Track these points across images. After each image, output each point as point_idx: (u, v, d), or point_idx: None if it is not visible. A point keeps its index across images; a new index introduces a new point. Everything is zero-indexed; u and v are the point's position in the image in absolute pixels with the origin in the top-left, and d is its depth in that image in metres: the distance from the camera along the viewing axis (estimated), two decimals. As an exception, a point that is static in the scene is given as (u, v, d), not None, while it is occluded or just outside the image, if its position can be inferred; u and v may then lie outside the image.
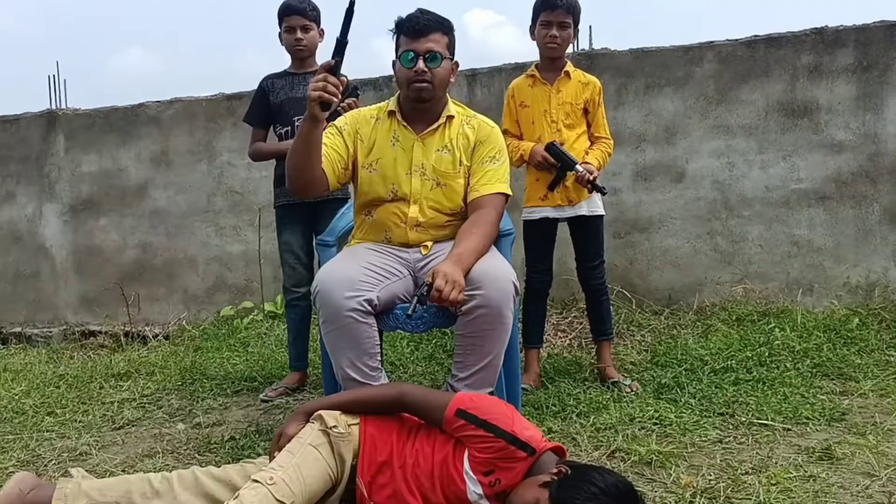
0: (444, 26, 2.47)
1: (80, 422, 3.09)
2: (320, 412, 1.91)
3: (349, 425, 1.89)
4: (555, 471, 1.73)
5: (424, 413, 1.93)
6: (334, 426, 1.85)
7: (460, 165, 2.50)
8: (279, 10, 3.40)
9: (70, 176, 5.43)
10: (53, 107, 5.51)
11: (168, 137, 5.22)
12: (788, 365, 3.17)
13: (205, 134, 5.15)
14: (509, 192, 2.52)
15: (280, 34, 3.43)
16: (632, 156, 4.37)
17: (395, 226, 2.49)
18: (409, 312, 2.21)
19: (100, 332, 5.06)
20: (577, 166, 3.02)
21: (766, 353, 3.28)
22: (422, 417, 1.94)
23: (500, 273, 2.25)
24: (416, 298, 2.21)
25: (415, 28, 2.42)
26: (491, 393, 2.28)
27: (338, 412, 1.92)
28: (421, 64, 2.41)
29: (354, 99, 3.30)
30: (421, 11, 2.46)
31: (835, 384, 3.01)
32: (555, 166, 3.06)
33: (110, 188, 5.35)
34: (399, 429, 1.93)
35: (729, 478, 2.13)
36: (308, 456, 1.80)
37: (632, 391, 3.00)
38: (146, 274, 5.31)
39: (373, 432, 1.90)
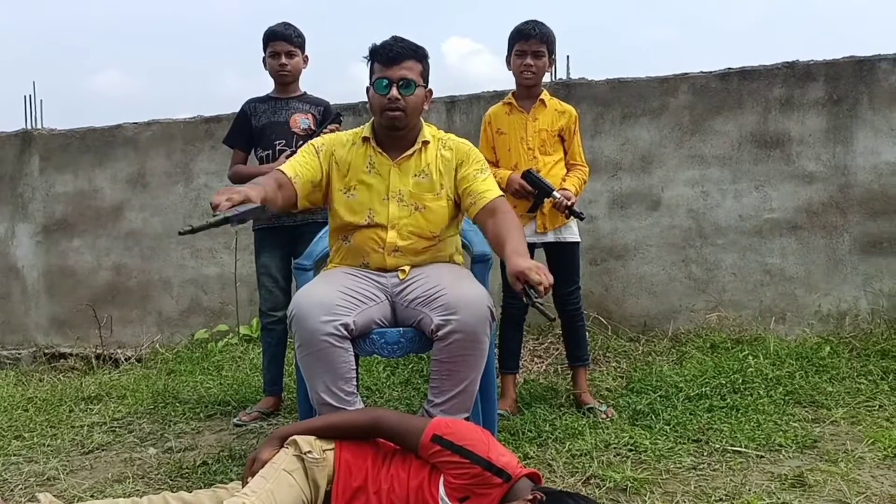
0: (418, 54, 2.48)
1: (48, 446, 3.03)
2: (295, 437, 1.89)
3: (324, 450, 1.88)
4: (530, 497, 1.73)
5: (400, 439, 1.92)
6: (309, 451, 1.84)
7: (441, 189, 2.51)
8: (265, 36, 3.41)
9: (44, 196, 5.37)
10: (29, 127, 5.46)
11: (145, 159, 5.19)
12: (761, 392, 3.20)
13: (182, 156, 5.13)
14: None
15: (264, 59, 3.45)
16: (608, 184, 4.42)
17: (373, 251, 2.49)
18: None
19: (70, 355, 4.97)
20: (554, 192, 3.05)
21: (740, 381, 3.30)
22: (397, 443, 1.93)
23: (477, 299, 2.25)
24: (526, 303, 2.11)
25: (389, 56, 2.43)
26: (467, 419, 2.28)
27: (312, 437, 1.91)
28: (394, 91, 2.42)
29: (337, 125, 3.32)
30: (395, 39, 2.47)
31: (807, 411, 3.03)
32: (532, 193, 3.08)
33: (85, 209, 5.30)
34: (374, 454, 1.92)
35: (703, 505, 2.14)
36: (282, 482, 1.78)
37: (607, 417, 3.01)
38: (119, 296, 5.25)
39: (348, 457, 1.89)
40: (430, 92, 2.56)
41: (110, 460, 2.85)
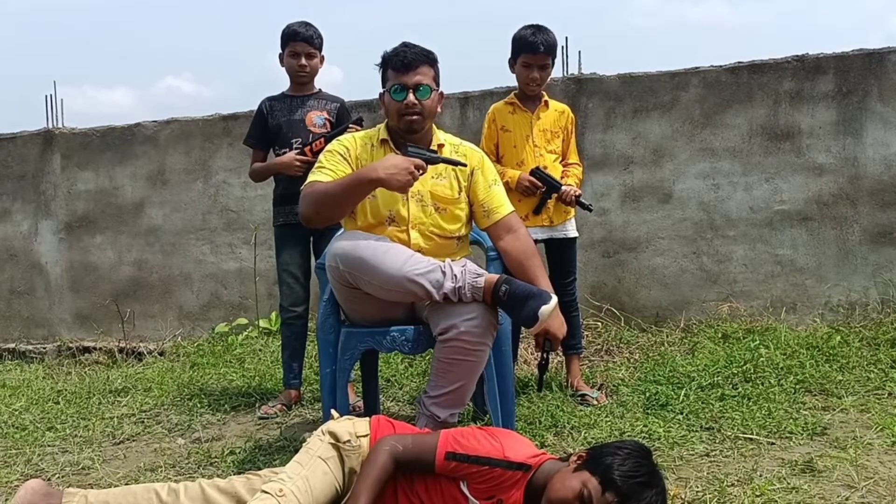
0: (430, 59, 2.57)
1: (80, 437, 3.15)
2: (333, 425, 1.96)
3: (358, 437, 1.95)
4: (575, 457, 1.82)
5: (415, 466, 1.91)
6: (347, 441, 1.91)
7: (460, 192, 2.60)
8: (285, 34, 3.47)
9: (66, 194, 5.49)
10: (50, 126, 5.57)
11: (164, 157, 5.30)
12: (772, 381, 3.26)
13: (201, 153, 5.23)
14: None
15: (281, 55, 3.52)
16: (620, 177, 4.48)
17: None
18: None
19: (94, 349, 5.10)
20: (563, 187, 3.22)
21: (751, 370, 3.37)
22: (415, 470, 1.91)
23: (480, 307, 2.26)
24: (540, 374, 2.58)
25: (403, 62, 2.51)
26: (459, 414, 2.38)
27: (351, 424, 1.97)
28: (411, 97, 2.50)
29: (358, 127, 3.37)
30: (406, 45, 2.55)
31: (817, 399, 3.10)
32: (541, 189, 3.21)
33: (106, 206, 5.42)
34: None
35: (715, 489, 2.22)
36: (317, 469, 1.86)
37: (598, 402, 3.13)
38: (141, 291, 5.36)
39: None
40: (442, 94, 2.65)
41: (141, 450, 2.95)
